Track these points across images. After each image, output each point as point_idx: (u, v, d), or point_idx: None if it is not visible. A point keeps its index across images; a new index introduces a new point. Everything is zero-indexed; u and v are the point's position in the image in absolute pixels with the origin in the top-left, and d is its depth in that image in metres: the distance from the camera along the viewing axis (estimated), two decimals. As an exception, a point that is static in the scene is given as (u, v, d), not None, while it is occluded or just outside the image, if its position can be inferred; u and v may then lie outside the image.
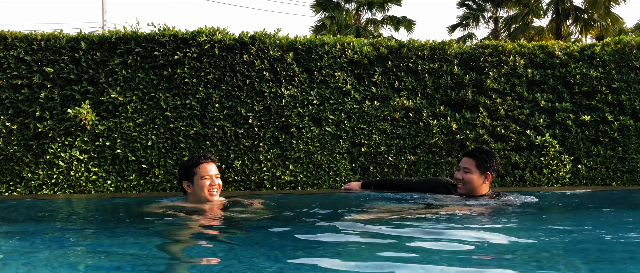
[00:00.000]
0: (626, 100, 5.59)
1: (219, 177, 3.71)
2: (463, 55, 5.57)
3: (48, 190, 4.94)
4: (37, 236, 2.84)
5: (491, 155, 3.98)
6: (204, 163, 3.64)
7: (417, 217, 3.32)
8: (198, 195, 3.62)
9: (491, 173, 3.95)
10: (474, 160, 3.94)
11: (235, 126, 5.16)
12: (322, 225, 3.08)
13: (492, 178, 3.99)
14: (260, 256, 2.30)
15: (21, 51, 4.97)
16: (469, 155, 3.99)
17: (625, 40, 5.71)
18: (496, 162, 3.99)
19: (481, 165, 3.93)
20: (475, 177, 3.92)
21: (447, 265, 2.06)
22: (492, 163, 3.95)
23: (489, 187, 4.04)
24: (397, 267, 2.03)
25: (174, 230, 3.04)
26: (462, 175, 3.95)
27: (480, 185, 3.95)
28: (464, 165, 3.96)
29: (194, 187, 3.61)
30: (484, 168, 3.93)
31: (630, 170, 5.61)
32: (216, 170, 3.69)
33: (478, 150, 4.03)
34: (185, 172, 3.66)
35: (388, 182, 4.76)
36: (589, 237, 2.75)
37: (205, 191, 3.60)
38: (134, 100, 5.04)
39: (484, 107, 5.50)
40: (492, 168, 3.95)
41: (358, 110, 5.33)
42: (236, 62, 5.15)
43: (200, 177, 3.60)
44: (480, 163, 3.93)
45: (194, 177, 3.61)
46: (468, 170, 3.93)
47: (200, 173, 3.61)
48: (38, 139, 4.98)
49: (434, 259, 2.20)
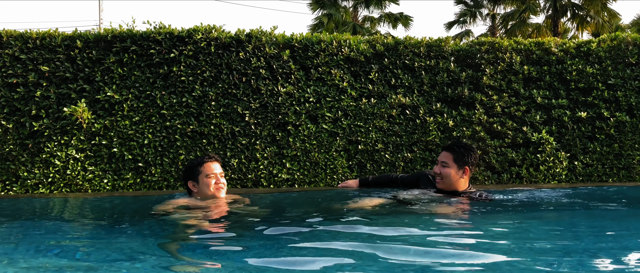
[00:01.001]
0: (622, 97, 5.60)
1: (223, 176, 3.75)
2: (459, 53, 5.57)
3: (44, 189, 4.93)
4: (38, 235, 2.84)
5: (469, 149, 3.94)
6: (208, 162, 3.69)
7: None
8: (204, 193, 3.66)
9: (469, 168, 3.90)
10: (452, 154, 3.90)
11: (232, 124, 5.16)
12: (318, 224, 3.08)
13: (471, 172, 3.95)
14: (265, 254, 2.30)
15: (16, 50, 4.95)
16: (447, 149, 3.95)
17: (621, 36, 5.72)
18: (475, 156, 3.94)
19: (459, 159, 3.88)
20: (453, 171, 3.88)
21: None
22: (470, 158, 3.90)
23: (468, 182, 3.99)
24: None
25: (178, 228, 3.04)
26: (440, 169, 3.91)
27: (458, 179, 3.90)
28: (442, 159, 3.92)
29: (200, 185, 3.65)
30: (462, 163, 3.88)
31: (626, 166, 5.63)
32: (220, 169, 3.73)
33: (456, 144, 3.99)
34: (190, 172, 3.71)
35: (384, 179, 4.76)
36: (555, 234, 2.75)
37: (211, 188, 3.63)
38: (130, 99, 5.03)
39: (481, 104, 5.51)
40: (470, 162, 3.90)
41: (355, 108, 5.33)
42: (232, 60, 5.15)
43: (205, 175, 3.65)
44: (458, 157, 3.88)
45: (199, 175, 3.65)
46: (446, 164, 3.89)
47: (205, 171, 3.66)
48: (34, 138, 4.97)
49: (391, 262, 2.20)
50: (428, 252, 2.24)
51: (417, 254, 2.21)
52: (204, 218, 3.34)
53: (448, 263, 2.09)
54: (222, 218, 3.40)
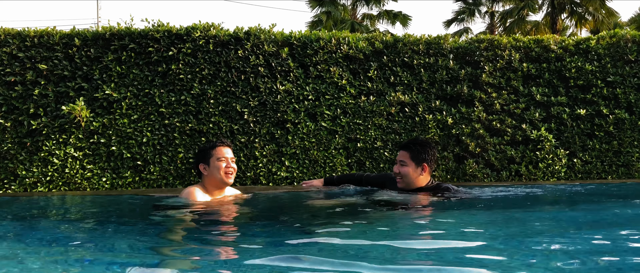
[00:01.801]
0: (621, 94, 5.60)
1: (234, 161, 3.76)
2: (458, 50, 5.56)
3: (43, 187, 4.92)
4: (40, 234, 2.83)
5: (427, 145, 3.87)
6: (221, 146, 3.71)
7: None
8: (214, 176, 3.66)
9: (428, 165, 3.84)
10: (409, 152, 3.83)
11: (231, 122, 5.15)
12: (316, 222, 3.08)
13: (431, 169, 3.88)
14: (264, 253, 2.29)
15: (14, 48, 4.93)
16: (404, 148, 3.88)
17: (621, 34, 5.71)
18: (433, 152, 3.87)
19: (416, 157, 3.81)
20: (410, 170, 3.81)
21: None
22: (427, 154, 3.83)
23: (429, 179, 3.91)
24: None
25: (176, 227, 3.03)
26: (398, 168, 3.85)
27: (417, 177, 3.84)
28: (400, 158, 3.86)
29: (211, 168, 3.66)
30: (419, 160, 3.81)
31: (625, 163, 5.63)
32: (232, 155, 3.75)
33: (413, 141, 3.92)
34: (202, 154, 3.72)
35: (350, 178, 4.65)
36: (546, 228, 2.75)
37: (221, 172, 3.64)
38: (129, 97, 5.01)
39: (480, 101, 5.50)
40: (428, 159, 3.83)
41: (354, 106, 5.32)
42: (231, 58, 5.13)
43: (217, 158, 3.66)
44: (415, 155, 3.81)
45: (211, 159, 3.66)
46: (404, 162, 3.83)
47: (217, 155, 3.67)
48: (32, 136, 4.95)
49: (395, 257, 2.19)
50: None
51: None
52: (204, 216, 3.34)
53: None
54: (224, 217, 3.40)
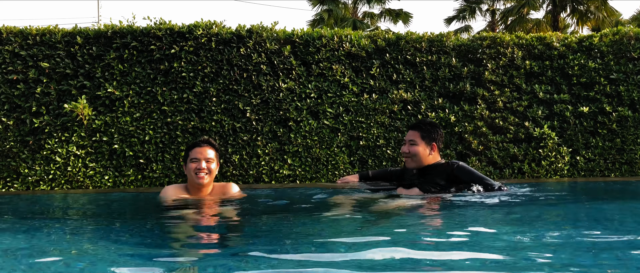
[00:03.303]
0: (624, 91, 5.58)
1: (211, 162, 3.66)
2: (461, 48, 5.55)
3: (45, 186, 4.91)
4: (43, 233, 2.83)
5: (436, 125, 4.01)
6: (197, 147, 3.68)
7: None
8: (189, 175, 3.69)
9: (437, 144, 3.96)
10: (419, 132, 3.95)
11: (233, 120, 5.14)
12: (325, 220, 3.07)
13: (438, 149, 3.99)
14: (261, 250, 2.29)
15: (16, 46, 4.93)
16: (414, 128, 4.01)
17: (623, 31, 5.70)
18: (441, 132, 4.01)
19: (426, 136, 3.94)
20: (421, 149, 3.92)
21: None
22: (436, 134, 3.96)
23: (438, 158, 4.01)
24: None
25: (175, 224, 3.03)
26: (408, 147, 3.96)
27: (427, 155, 3.95)
28: (410, 138, 3.97)
29: (187, 168, 3.69)
30: (429, 139, 3.94)
31: (628, 161, 5.61)
32: (209, 154, 3.65)
33: (422, 122, 4.05)
34: (184, 154, 3.78)
35: (383, 173, 4.67)
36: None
37: (192, 172, 3.64)
38: (131, 95, 5.01)
39: (482, 99, 5.49)
40: (437, 139, 3.96)
41: (356, 104, 5.31)
42: (233, 56, 5.12)
43: (190, 159, 3.66)
44: (425, 135, 3.94)
45: (187, 159, 3.68)
46: (414, 142, 3.94)
47: (191, 155, 3.67)
48: (35, 135, 4.95)
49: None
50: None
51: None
52: (197, 214, 3.33)
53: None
54: (214, 215, 3.38)
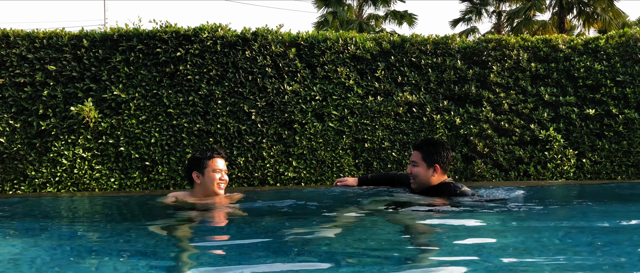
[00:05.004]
0: (631, 94, 5.56)
1: (227, 173, 3.83)
2: (466, 50, 5.54)
3: (52, 188, 4.94)
4: (46, 234, 2.84)
5: (439, 145, 3.74)
6: (217, 158, 3.75)
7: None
8: (207, 186, 3.72)
9: (440, 165, 3.69)
10: (420, 153, 3.71)
11: (238, 123, 5.15)
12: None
13: (443, 170, 3.73)
14: (270, 252, 2.29)
15: (23, 49, 4.96)
16: (416, 148, 3.78)
17: (630, 33, 5.67)
18: (445, 152, 3.72)
19: (428, 158, 3.67)
20: (422, 170, 3.68)
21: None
22: (439, 155, 3.68)
23: (442, 179, 3.73)
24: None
25: (183, 227, 3.04)
26: (410, 168, 3.75)
27: (430, 177, 3.69)
28: (412, 159, 3.75)
29: (204, 178, 3.71)
30: (430, 161, 3.66)
31: (635, 163, 5.58)
32: (225, 166, 3.81)
33: (425, 141, 3.83)
34: (197, 163, 3.75)
35: (383, 177, 4.54)
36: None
37: (214, 184, 3.70)
38: (137, 98, 5.03)
39: (488, 101, 5.48)
40: (440, 160, 3.69)
41: (361, 106, 5.31)
42: (238, 59, 5.14)
43: (213, 170, 3.71)
44: (426, 156, 3.68)
45: (206, 169, 3.71)
46: (415, 163, 3.72)
47: (212, 166, 3.72)
48: (41, 137, 4.98)
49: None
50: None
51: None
52: (205, 216, 3.37)
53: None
54: (223, 217, 3.42)
